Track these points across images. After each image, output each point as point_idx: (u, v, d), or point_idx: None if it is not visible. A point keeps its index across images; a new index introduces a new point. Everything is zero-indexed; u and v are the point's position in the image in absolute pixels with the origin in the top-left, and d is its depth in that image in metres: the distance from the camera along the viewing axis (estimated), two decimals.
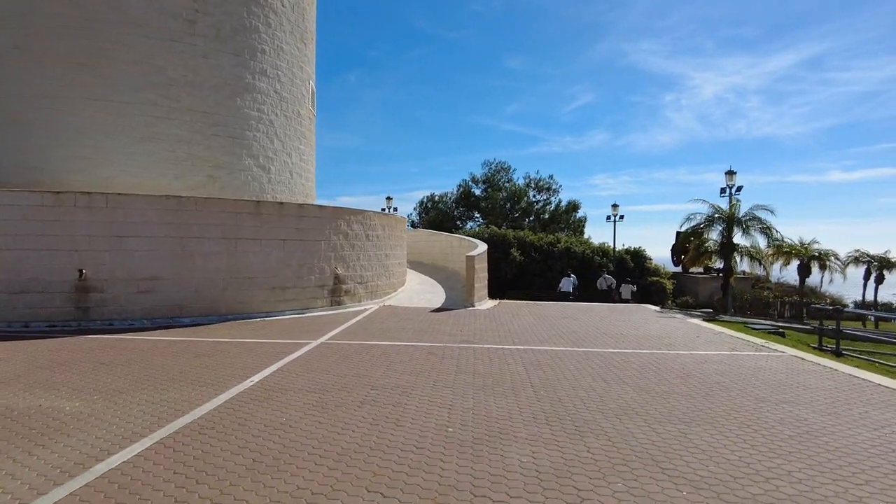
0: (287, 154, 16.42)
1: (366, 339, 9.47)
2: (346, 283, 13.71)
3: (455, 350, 8.55)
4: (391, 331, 10.36)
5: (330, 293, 13.32)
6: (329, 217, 13.38)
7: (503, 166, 47.32)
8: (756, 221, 16.42)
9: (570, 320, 12.51)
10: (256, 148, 15.35)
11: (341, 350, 8.42)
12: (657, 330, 11.33)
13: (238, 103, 14.86)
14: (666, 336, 10.52)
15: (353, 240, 14.03)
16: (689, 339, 10.19)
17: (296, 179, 16.84)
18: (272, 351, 8.25)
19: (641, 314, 14.42)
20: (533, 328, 11.14)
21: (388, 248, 15.61)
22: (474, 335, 10.05)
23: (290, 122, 16.58)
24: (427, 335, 9.94)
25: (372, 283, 14.65)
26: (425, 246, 24.53)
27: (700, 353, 8.81)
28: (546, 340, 9.68)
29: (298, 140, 17.02)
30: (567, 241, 34.17)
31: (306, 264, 12.78)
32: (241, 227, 11.89)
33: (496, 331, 10.65)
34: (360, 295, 14.15)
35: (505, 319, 12.39)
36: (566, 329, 11.10)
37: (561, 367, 7.50)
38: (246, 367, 7.09)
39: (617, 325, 11.83)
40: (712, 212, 17.43)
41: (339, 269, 13.51)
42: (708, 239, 17.79)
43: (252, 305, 11.98)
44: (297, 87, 16.95)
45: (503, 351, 8.58)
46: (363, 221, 14.38)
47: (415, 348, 8.65)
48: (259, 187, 15.42)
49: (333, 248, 13.42)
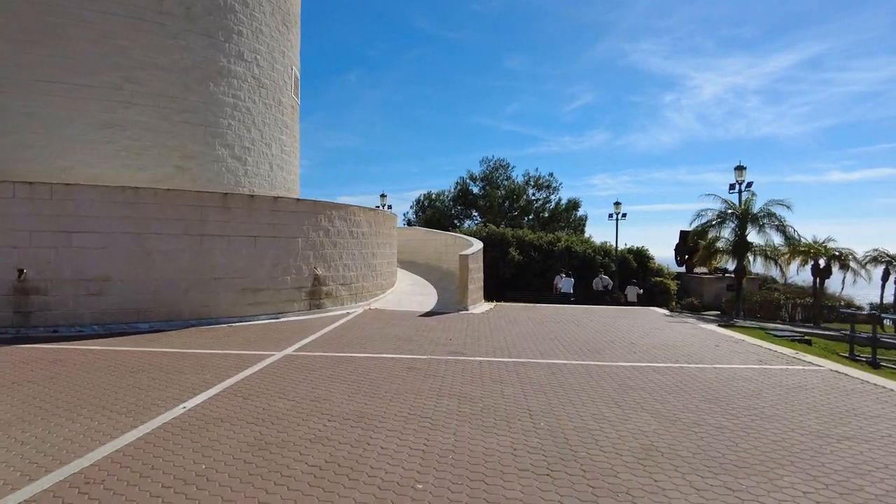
0: (266, 145, 15.20)
1: (340, 349, 8.25)
2: (326, 285, 12.49)
3: (441, 364, 7.34)
4: (371, 339, 9.14)
5: (308, 295, 12.10)
6: (307, 212, 12.16)
7: (502, 164, 46.17)
8: (771, 218, 15.23)
9: (573, 326, 11.30)
10: (231, 137, 14.13)
11: (308, 364, 7.20)
12: (670, 337, 10.13)
13: (211, 89, 13.63)
14: (681, 345, 9.31)
15: (336, 237, 12.81)
16: (709, 349, 8.98)
17: (276, 172, 15.62)
18: (226, 365, 7.03)
19: (650, 318, 13.21)
20: (532, 336, 9.93)
21: (374, 247, 14.39)
22: (465, 345, 8.84)
23: (270, 111, 15.36)
24: (411, 345, 8.73)
25: (356, 284, 13.43)
26: (419, 245, 23.33)
27: (725, 367, 7.60)
28: (547, 352, 8.47)
29: (279, 130, 15.79)
30: (567, 241, 32.98)
31: (281, 263, 11.57)
32: (207, 221, 10.67)
33: (490, 339, 9.44)
34: (342, 297, 12.93)
35: (501, 325, 11.17)
36: (569, 337, 9.89)
37: (565, 386, 6.28)
38: (185, 388, 5.88)
39: (625, 332, 10.62)
40: (724, 208, 16.22)
41: (318, 269, 12.29)
42: (719, 237, 16.59)
43: (219, 309, 10.76)
44: (278, 74, 15.72)
45: (497, 366, 7.36)
46: (346, 217, 13.16)
47: (394, 362, 7.43)
48: (234, 180, 14.20)
49: (312, 245, 12.21)
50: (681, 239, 38.11)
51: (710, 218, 16.29)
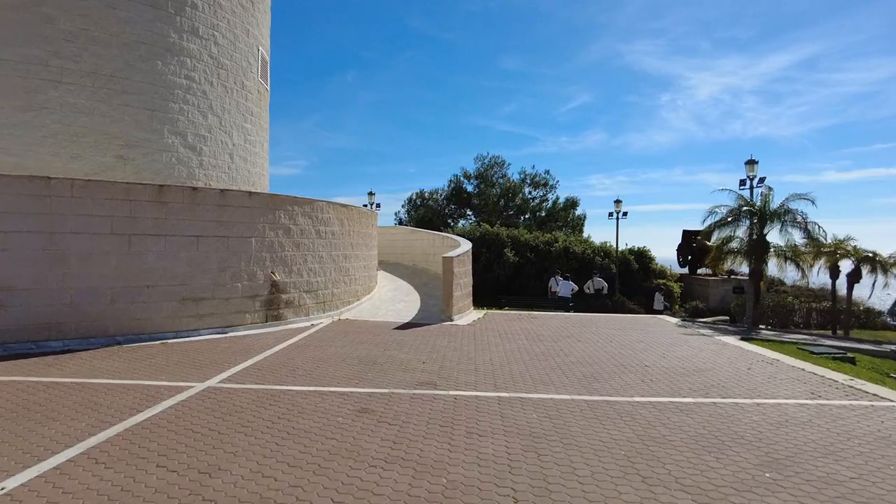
0: (226, 133, 13.47)
1: (281, 379, 6.54)
2: (286, 293, 10.77)
3: (404, 403, 5.64)
4: (325, 363, 7.43)
5: (264, 305, 10.39)
6: (263, 207, 10.44)
7: (497, 161, 44.40)
8: (793, 214, 13.58)
9: (574, 342, 9.61)
10: (184, 123, 12.39)
11: (226, 404, 5.49)
12: (690, 357, 8.44)
13: (159, 68, 11.89)
14: (705, 368, 7.63)
15: (299, 237, 11.09)
16: (741, 374, 7.30)
17: (238, 164, 13.89)
18: (121, 405, 5.32)
19: (661, 331, 11.53)
20: (524, 356, 8.23)
21: (347, 248, 12.68)
22: (441, 370, 7.13)
23: (231, 95, 13.63)
24: (374, 371, 7.03)
25: (325, 291, 11.72)
26: (405, 245, 21.63)
27: (770, 403, 5.92)
28: (542, 379, 6.77)
29: (242, 117, 14.07)
30: (565, 241, 31.30)
31: (230, 268, 9.85)
32: (139, 218, 8.95)
33: (474, 361, 7.73)
34: (307, 307, 11.21)
35: (489, 340, 9.48)
36: (570, 357, 8.20)
37: (566, 440, 4.59)
38: (29, 449, 4.16)
39: (635, 350, 8.94)
40: (740, 204, 14.55)
41: (276, 275, 10.58)
42: (733, 237, 14.93)
43: (153, 323, 9.04)
44: (241, 54, 14.00)
45: (477, 404, 5.66)
46: (312, 214, 11.45)
47: (343, 400, 5.73)
48: (187, 172, 12.47)
49: (270, 246, 10.49)
50: (684, 239, 36.45)
51: (723, 215, 14.64)
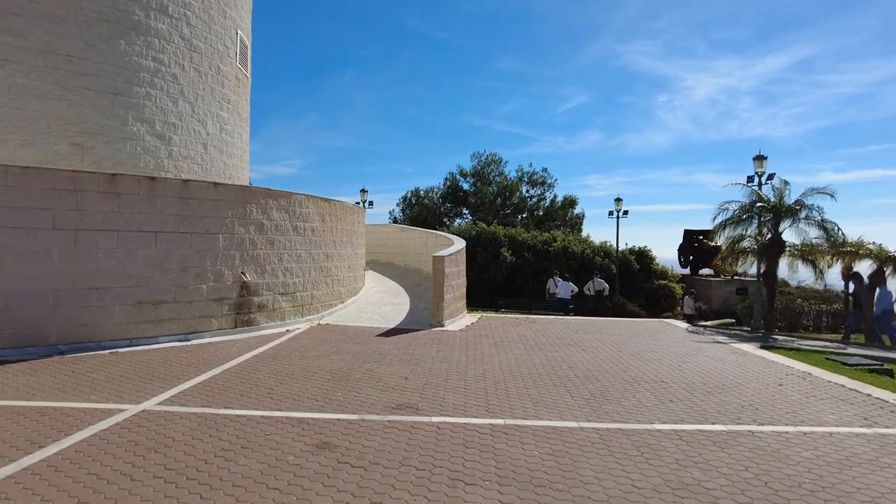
0: (199, 121, 12.41)
1: (233, 400, 5.52)
2: (259, 295, 9.74)
3: (375, 435, 4.61)
4: (291, 378, 6.40)
5: (233, 309, 9.35)
6: (232, 200, 9.41)
7: (494, 158, 43.38)
8: (811, 211, 12.60)
9: (578, 351, 8.61)
10: (151, 110, 11.34)
11: (154, 436, 4.46)
12: (710, 370, 7.44)
13: (122, 48, 10.84)
14: (731, 384, 6.63)
15: (273, 233, 10.06)
16: (771, 391, 6.30)
17: (213, 155, 12.83)
18: (16, 437, 4.29)
19: (672, 338, 10.54)
20: (522, 369, 7.22)
21: (330, 246, 11.65)
22: (426, 388, 6.11)
23: (205, 81, 12.58)
24: (345, 389, 6.00)
25: (303, 293, 10.69)
26: (397, 245, 20.60)
27: (818, 431, 4.91)
28: (544, 400, 5.75)
29: (218, 104, 13.02)
30: (564, 240, 30.34)
31: (194, 268, 8.82)
32: (87, 212, 7.92)
33: (465, 376, 6.71)
34: (283, 311, 10.18)
35: (483, 350, 8.46)
36: (574, 370, 7.19)
37: (576, 488, 3.58)
38: None
39: (647, 361, 7.94)
40: (754, 199, 13.55)
41: (247, 275, 9.54)
42: (745, 235, 13.94)
43: (104, 329, 8.00)
44: (217, 37, 12.95)
45: (466, 436, 4.64)
46: (289, 208, 10.41)
47: (301, 429, 4.70)
48: (154, 163, 11.41)
49: (240, 244, 9.46)
50: (685, 239, 35.53)
51: (735, 212, 13.64)
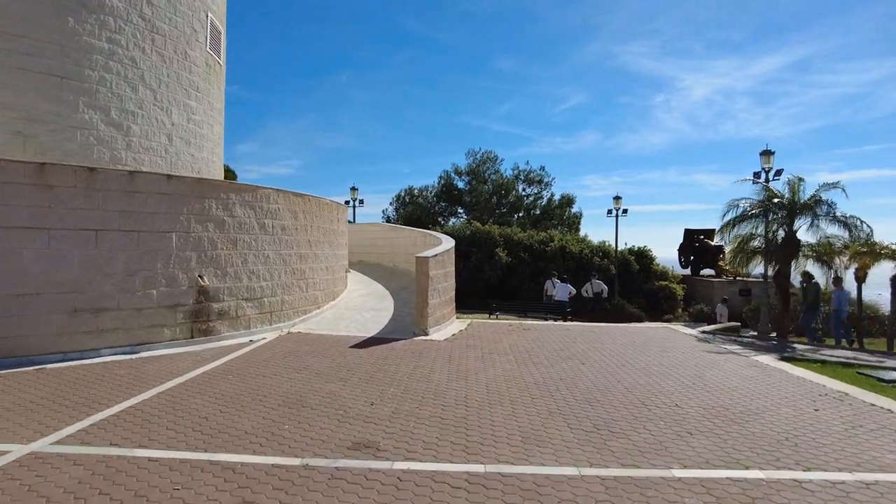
0: (163, 110, 11.34)
1: (150, 434, 4.47)
2: (220, 301, 8.69)
3: (315, 492, 3.57)
4: (234, 404, 5.36)
5: (189, 317, 8.30)
6: (188, 195, 8.36)
7: (489, 156, 42.32)
8: (827, 206, 11.60)
9: (576, 365, 7.57)
10: (105, 96, 10.27)
11: (28, 491, 3.41)
12: (730, 388, 6.42)
13: (70, 26, 9.77)
14: (756, 407, 5.60)
15: (237, 231, 9.02)
16: (807, 419, 5.29)
17: (179, 147, 11.76)
18: None
19: (679, 347, 9.53)
20: (514, 390, 6.19)
21: (304, 245, 10.60)
22: (393, 418, 5.07)
23: (170, 66, 11.51)
24: (297, 419, 4.96)
25: (272, 298, 9.64)
26: (386, 244, 19.56)
27: (881, 479, 3.89)
28: (537, 433, 4.72)
29: (185, 92, 11.95)
30: (561, 240, 29.33)
31: (143, 271, 7.77)
32: (11, 206, 6.88)
33: (443, 401, 5.68)
34: (247, 318, 9.13)
35: (469, 364, 7.42)
36: (574, 391, 6.16)
37: None
38: None
39: (656, 378, 6.91)
40: (767, 195, 12.55)
41: (205, 279, 8.49)
42: (755, 234, 12.94)
43: (31, 342, 6.96)
44: (184, 18, 11.88)
45: (434, 491, 3.61)
46: (254, 204, 9.37)
47: (222, 480, 3.65)
48: (110, 154, 10.34)
49: (197, 244, 8.41)
50: (686, 239, 34.58)
51: (745, 209, 12.64)
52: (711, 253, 32.67)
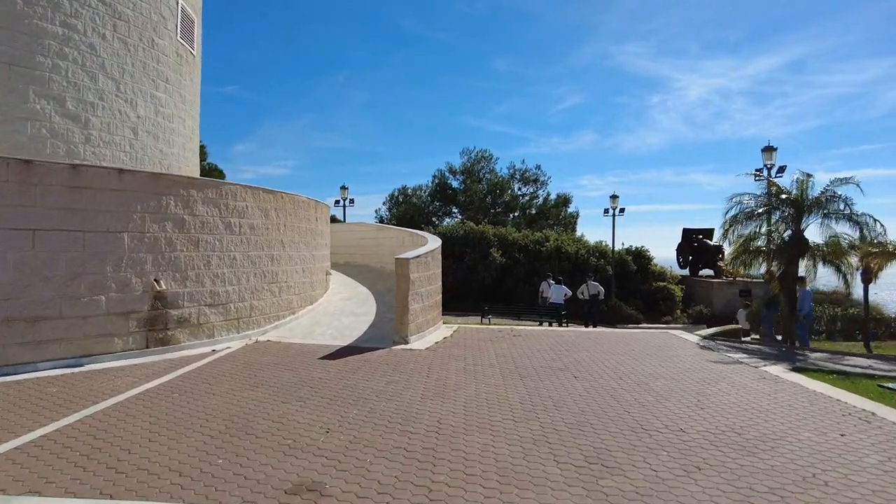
0: (127, 101, 10.58)
1: (52, 474, 3.72)
2: (179, 307, 7.93)
3: None
4: (169, 430, 4.61)
5: (145, 325, 7.54)
6: (142, 191, 7.60)
7: (484, 155, 41.64)
8: (839, 203, 10.88)
9: (568, 378, 6.84)
10: (60, 85, 9.50)
11: None
12: (739, 407, 5.69)
13: (19, 8, 9.00)
14: (773, 432, 4.88)
15: (199, 231, 8.26)
16: (834, 448, 4.56)
17: (145, 142, 10.99)
18: None
19: (680, 355, 8.80)
20: (496, 411, 5.45)
21: (276, 246, 9.84)
22: (348, 451, 4.32)
23: (135, 55, 10.74)
24: (235, 450, 4.21)
25: (239, 304, 8.89)
26: (373, 245, 18.79)
27: None
28: (515, 471, 3.98)
29: (153, 83, 11.18)
30: (557, 240, 28.63)
31: (89, 274, 7.02)
32: None
33: (411, 426, 4.94)
34: (211, 325, 8.38)
35: (448, 379, 6.68)
36: (563, 413, 5.42)
37: None
38: None
39: (657, 393, 6.18)
40: (773, 191, 11.82)
41: (161, 283, 7.73)
42: (758, 233, 12.23)
43: None
44: (150, 3, 11.09)
45: None
46: (220, 201, 8.61)
47: None
48: (66, 148, 9.57)
49: (153, 244, 7.66)
50: (684, 238, 33.84)
51: (750, 206, 11.91)
52: (710, 253, 31.97)
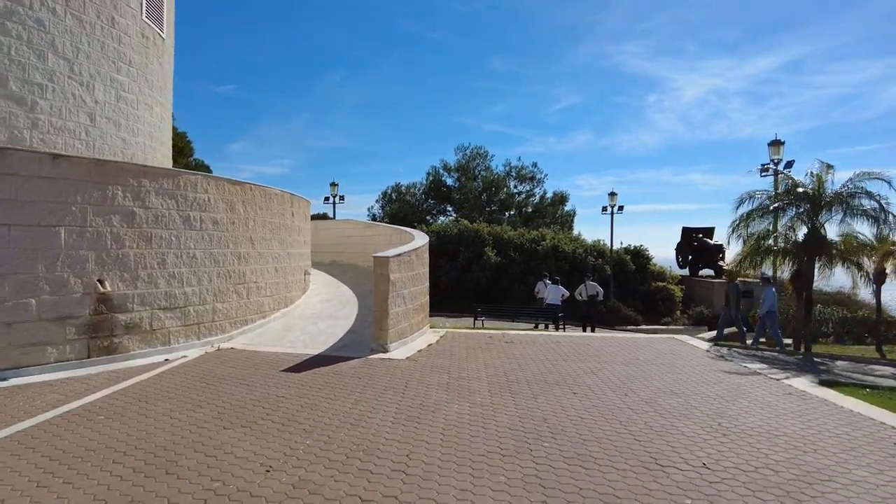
0: (82, 84, 9.63)
1: None
2: (128, 311, 7.01)
3: None
4: (70, 467, 3.70)
5: (86, 331, 6.62)
6: (83, 180, 6.67)
7: (479, 152, 40.73)
8: (865, 198, 10.00)
9: (566, 395, 5.95)
10: (0, 63, 8.56)
11: None
12: (768, 432, 4.82)
13: None
14: (817, 468, 4.00)
15: (152, 226, 7.34)
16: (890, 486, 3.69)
17: (104, 129, 10.04)
18: None
19: (690, 364, 7.93)
20: (478, 441, 4.55)
21: (243, 244, 8.92)
22: (290, 497, 3.42)
23: (90, 33, 9.79)
24: (145, 498, 3.30)
25: (200, 307, 7.97)
26: (361, 243, 17.87)
27: None
28: None
29: (113, 66, 10.23)
30: (554, 238, 27.75)
31: (14, 274, 6.10)
32: None
33: (376, 461, 4.04)
34: (166, 331, 7.46)
35: (427, 397, 5.78)
36: (559, 442, 4.53)
37: None
38: None
39: (668, 414, 5.30)
40: (790, 185, 10.96)
41: (107, 284, 6.81)
42: (771, 231, 11.37)
43: None
44: None
45: None
46: (177, 193, 7.68)
47: None
48: (8, 134, 8.60)
49: (96, 241, 6.74)
50: (684, 238, 33.02)
51: (764, 202, 11.05)
52: (711, 252, 31.18)
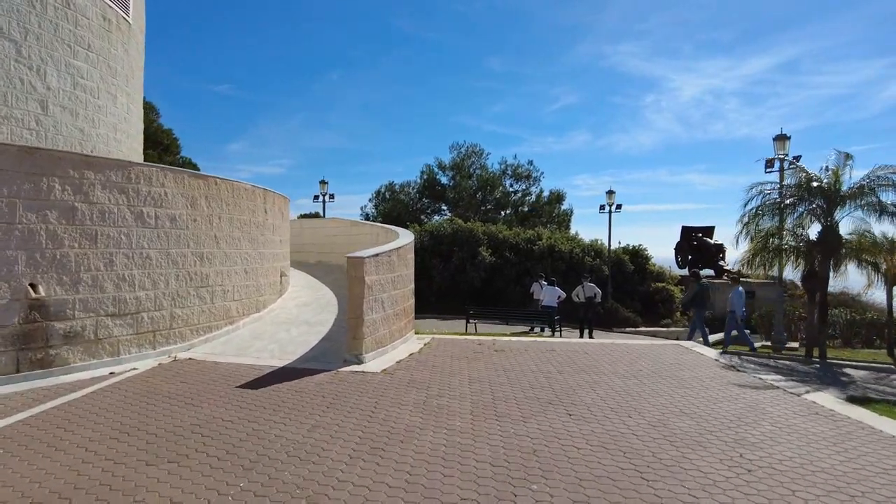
0: (32, 69, 8.82)
1: None
2: (67, 318, 6.21)
3: None
4: None
5: (15, 343, 5.82)
6: (8, 169, 5.87)
7: (475, 150, 39.96)
8: (893, 192, 9.24)
9: (560, 417, 5.16)
10: None
11: None
12: (802, 467, 4.06)
13: None
14: None
15: (97, 223, 6.54)
16: None
17: (59, 118, 9.23)
18: None
19: (699, 376, 7.16)
20: (452, 479, 3.77)
21: (207, 243, 8.11)
22: None
23: (43, 14, 8.97)
24: None
25: (155, 313, 7.16)
26: (346, 242, 17.06)
27: None
28: None
29: (69, 50, 9.41)
30: (550, 238, 26.96)
31: None
32: None
33: None
34: (115, 341, 6.65)
35: (399, 422, 4.98)
36: (551, 481, 3.75)
37: None
38: None
39: (679, 442, 4.53)
40: (803, 179, 10.19)
41: (41, 289, 6.00)
42: (777, 229, 10.63)
43: None
44: None
45: None
46: (128, 186, 6.88)
47: None
48: None
49: (28, 239, 5.94)
50: (683, 237, 32.29)
51: (775, 197, 10.28)
52: (711, 252, 30.48)
